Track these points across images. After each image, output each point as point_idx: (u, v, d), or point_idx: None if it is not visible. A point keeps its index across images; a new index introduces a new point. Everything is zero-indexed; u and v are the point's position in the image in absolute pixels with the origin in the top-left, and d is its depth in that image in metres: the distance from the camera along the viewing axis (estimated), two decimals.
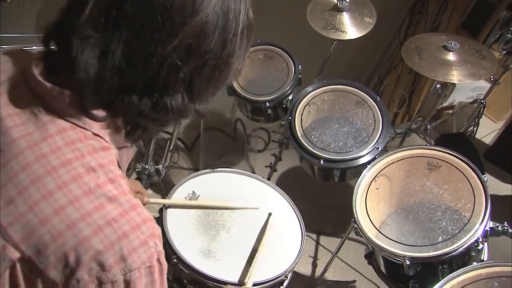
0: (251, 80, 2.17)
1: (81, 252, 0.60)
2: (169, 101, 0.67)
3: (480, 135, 3.11)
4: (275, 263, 1.33)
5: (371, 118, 1.85)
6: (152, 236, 0.66)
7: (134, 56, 0.63)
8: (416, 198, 1.57)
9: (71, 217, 0.61)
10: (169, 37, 0.62)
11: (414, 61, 1.95)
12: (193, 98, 0.70)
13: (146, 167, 2.16)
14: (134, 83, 0.64)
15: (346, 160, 1.77)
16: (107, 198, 0.64)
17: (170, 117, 0.70)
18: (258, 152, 2.88)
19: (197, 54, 0.66)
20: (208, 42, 0.66)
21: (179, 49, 0.64)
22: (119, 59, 0.62)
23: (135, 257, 0.63)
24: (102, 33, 0.62)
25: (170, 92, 0.67)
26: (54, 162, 0.63)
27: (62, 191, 0.62)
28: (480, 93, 3.04)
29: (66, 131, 0.65)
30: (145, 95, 0.66)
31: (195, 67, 0.67)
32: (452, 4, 2.78)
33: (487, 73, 1.86)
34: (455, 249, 1.31)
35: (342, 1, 2.06)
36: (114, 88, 0.64)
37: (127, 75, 0.63)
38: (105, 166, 0.66)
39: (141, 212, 0.66)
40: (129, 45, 0.62)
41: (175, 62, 0.64)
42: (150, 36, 0.62)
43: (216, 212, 1.45)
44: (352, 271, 2.24)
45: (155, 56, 0.63)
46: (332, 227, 2.43)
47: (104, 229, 0.62)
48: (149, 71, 0.64)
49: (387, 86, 3.23)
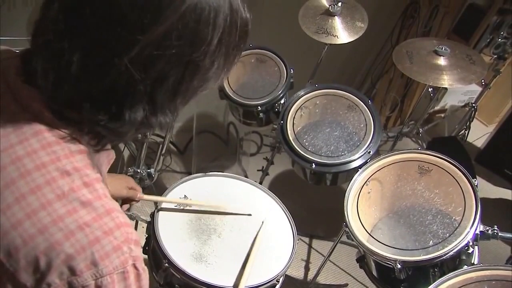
0: (243, 84, 2.17)
1: (52, 256, 0.60)
2: (128, 113, 0.64)
3: (472, 138, 3.13)
4: (267, 267, 1.33)
5: (362, 122, 1.85)
6: (127, 241, 0.65)
7: (90, 65, 0.61)
8: (407, 202, 1.58)
9: (43, 221, 0.60)
10: (127, 47, 0.59)
11: (405, 65, 1.96)
12: (155, 110, 0.67)
13: (138, 170, 2.15)
14: (91, 93, 0.63)
15: (338, 164, 1.77)
16: (80, 202, 0.63)
17: (129, 129, 0.67)
18: (251, 156, 2.88)
19: (157, 66, 0.62)
20: (170, 53, 0.62)
21: (138, 60, 0.60)
22: (75, 68, 0.60)
23: (107, 262, 0.62)
24: (60, 39, 0.60)
25: (129, 104, 0.64)
26: (29, 165, 0.62)
27: (35, 194, 0.61)
28: (472, 97, 3.07)
29: (42, 133, 0.64)
30: (101, 105, 0.64)
31: (155, 79, 0.63)
32: (443, 9, 2.80)
33: (477, 78, 1.88)
34: (446, 253, 1.32)
35: (334, 6, 2.07)
36: (73, 96, 0.63)
37: (83, 83, 0.62)
38: (81, 170, 0.65)
39: (116, 217, 0.65)
40: (86, 53, 0.60)
41: (133, 74, 0.61)
42: (107, 46, 0.60)
43: (208, 216, 1.45)
44: (344, 275, 2.24)
45: (112, 67, 0.60)
46: (325, 231, 2.43)
47: (76, 233, 0.61)
48: (106, 82, 0.61)
49: (379, 90, 3.25)
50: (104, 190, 0.67)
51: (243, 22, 0.69)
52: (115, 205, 0.67)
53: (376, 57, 3.16)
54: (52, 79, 0.62)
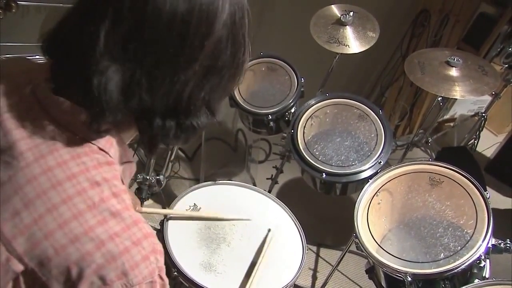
0: (253, 93, 2.17)
1: (83, 266, 0.60)
2: (195, 121, 0.69)
3: (481, 148, 3.11)
4: (276, 277, 1.33)
5: (373, 132, 1.85)
6: (154, 251, 0.66)
7: (156, 84, 0.63)
8: (418, 214, 1.57)
9: (75, 232, 0.61)
10: (190, 62, 0.64)
11: (417, 76, 1.95)
12: (213, 112, 0.72)
13: (147, 177, 2.15)
14: (156, 107, 0.66)
15: (348, 174, 1.77)
16: (110, 213, 0.64)
17: (196, 134, 0.72)
18: (259, 163, 2.87)
19: (215, 72, 0.68)
20: (224, 57, 0.67)
21: (200, 71, 0.65)
22: (143, 90, 0.63)
23: (136, 272, 0.63)
24: (121, 65, 0.62)
25: (193, 112, 0.69)
26: (60, 175, 0.63)
27: (67, 205, 0.62)
28: (481, 106, 3.05)
29: (72, 144, 0.65)
30: (168, 118, 0.67)
31: (213, 84, 0.69)
32: (454, 18, 2.80)
33: (489, 89, 1.87)
34: (457, 266, 1.31)
35: (346, 15, 2.07)
36: (132, 112, 0.66)
37: (148, 102, 0.64)
38: (109, 180, 0.66)
39: (143, 228, 0.66)
40: (151, 74, 0.63)
41: (197, 83, 0.66)
42: (171, 64, 0.63)
43: (217, 225, 1.45)
44: (353, 285, 2.22)
45: (177, 83, 0.64)
46: (333, 240, 2.42)
47: (107, 243, 0.62)
48: (172, 97, 0.65)
49: (389, 98, 3.24)
50: (130, 201, 0.68)
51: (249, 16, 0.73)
52: (140, 216, 0.68)
53: (386, 66, 3.16)
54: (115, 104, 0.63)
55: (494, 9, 2.73)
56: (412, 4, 2.98)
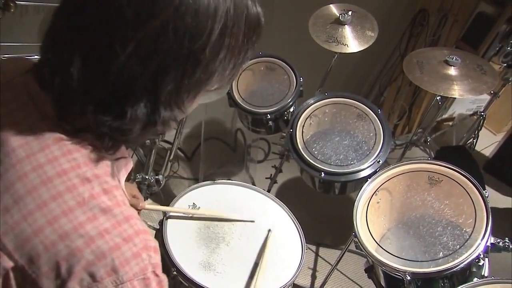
0: (252, 92, 2.17)
1: (73, 262, 0.60)
2: (130, 111, 0.64)
3: (480, 147, 3.11)
4: (275, 277, 1.33)
5: (372, 132, 1.85)
6: (146, 248, 0.65)
7: (91, 66, 0.62)
8: (417, 213, 1.57)
9: (64, 228, 0.61)
10: (124, 43, 0.60)
11: (416, 75, 1.95)
12: (158, 106, 0.65)
13: (146, 177, 2.15)
14: (94, 94, 0.63)
15: (347, 173, 1.77)
16: (100, 209, 0.63)
17: (132, 126, 0.66)
18: (258, 163, 2.88)
19: (155, 60, 0.62)
20: (167, 47, 0.61)
21: (136, 55, 0.61)
22: (76, 70, 0.61)
23: (127, 268, 0.62)
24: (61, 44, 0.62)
25: (131, 102, 0.64)
26: (50, 172, 0.63)
27: (57, 201, 0.62)
28: (480, 106, 3.06)
29: (63, 140, 0.65)
30: (105, 106, 0.64)
31: (155, 74, 0.63)
32: (452, 17, 2.80)
33: (488, 88, 1.87)
34: (456, 265, 1.31)
35: (344, 15, 2.07)
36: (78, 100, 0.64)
37: (86, 86, 0.62)
38: (100, 177, 0.66)
39: (134, 224, 0.65)
40: (85, 54, 0.61)
41: (132, 70, 0.61)
42: (105, 44, 0.60)
43: (216, 224, 1.45)
44: (352, 284, 2.23)
45: (111, 65, 0.61)
46: (332, 239, 2.42)
47: (96, 240, 0.61)
48: (107, 81, 0.62)
49: (387, 97, 3.24)
50: (123, 197, 0.68)
51: (251, 15, 0.67)
52: (133, 212, 0.67)
53: (385, 65, 3.16)
54: (57, 86, 0.63)
55: (492, 9, 2.73)
56: (411, 4, 2.98)
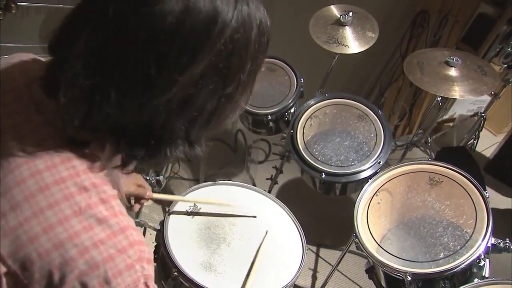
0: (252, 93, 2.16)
1: (66, 271, 0.60)
2: (168, 149, 0.65)
3: (481, 148, 3.11)
4: (276, 277, 1.33)
5: (372, 132, 1.85)
6: (139, 260, 0.65)
7: (127, 103, 0.59)
8: (417, 213, 1.57)
9: (59, 237, 0.61)
10: (166, 87, 0.58)
11: (416, 76, 1.95)
12: (192, 144, 0.68)
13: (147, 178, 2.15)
14: (125, 129, 0.62)
15: (347, 174, 1.77)
16: (96, 219, 0.63)
17: (167, 162, 0.68)
18: (259, 164, 2.87)
19: (195, 104, 0.62)
20: (207, 90, 0.61)
21: (176, 99, 0.60)
22: (109, 105, 0.59)
23: (119, 280, 0.62)
24: (92, 74, 0.58)
25: (167, 140, 0.65)
26: (48, 179, 0.62)
27: (53, 209, 0.61)
28: (481, 106, 3.05)
29: (63, 147, 0.65)
30: (138, 141, 0.64)
31: (192, 115, 0.63)
32: (453, 18, 2.80)
33: (488, 89, 1.87)
34: (457, 266, 1.31)
35: (345, 16, 2.07)
36: (100, 129, 0.63)
37: (117, 119, 0.61)
38: (98, 186, 0.65)
39: (130, 235, 0.65)
40: (120, 92, 0.58)
41: (172, 112, 0.61)
42: (145, 84, 0.58)
43: (217, 225, 1.45)
44: (352, 285, 2.22)
45: (149, 106, 0.59)
46: (333, 240, 2.42)
47: (91, 250, 0.61)
48: (142, 119, 0.61)
49: (388, 98, 3.24)
50: (120, 207, 0.67)
51: (267, 42, 0.67)
52: (129, 222, 0.67)
53: (385, 66, 3.16)
54: (83, 112, 0.60)
55: (493, 9, 2.73)
56: (411, 5, 2.98)
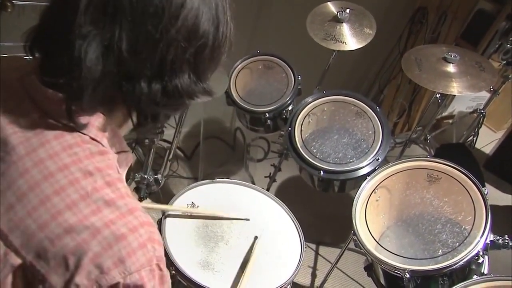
0: (250, 91, 2.17)
1: (80, 255, 0.60)
2: (179, 83, 0.68)
3: (480, 145, 3.11)
4: (275, 275, 1.33)
5: (371, 129, 1.84)
6: (150, 240, 0.65)
7: (139, 45, 0.62)
8: (416, 211, 1.56)
9: (69, 222, 0.61)
10: (171, 20, 0.62)
11: (414, 72, 1.95)
12: (199, 77, 0.71)
13: (145, 176, 2.15)
14: (140, 71, 0.64)
15: (346, 172, 1.76)
16: (104, 201, 0.63)
17: (181, 100, 0.70)
18: (258, 162, 2.88)
19: (198, 34, 0.66)
20: (205, 21, 0.66)
21: (182, 31, 0.64)
22: (124, 51, 0.61)
23: (133, 259, 0.62)
24: (102, 28, 0.60)
25: (178, 74, 0.67)
26: (52, 167, 0.63)
27: (60, 195, 0.62)
28: (480, 103, 3.05)
29: (63, 135, 0.65)
30: (153, 80, 0.66)
31: (197, 47, 0.67)
32: (451, 15, 2.80)
33: (487, 85, 1.86)
34: (456, 263, 1.31)
35: (342, 12, 2.07)
36: (115, 80, 0.64)
37: (132, 65, 0.63)
38: (103, 170, 0.66)
39: (139, 216, 0.66)
40: (132, 35, 0.61)
41: (180, 44, 0.65)
42: (153, 23, 0.62)
43: (215, 223, 1.44)
44: (352, 282, 2.22)
45: (161, 42, 0.63)
46: (332, 237, 2.42)
47: (102, 231, 0.62)
48: (156, 57, 0.64)
49: (387, 95, 3.24)
50: (126, 189, 0.68)
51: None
52: (137, 204, 0.67)
53: (384, 63, 3.16)
54: (100, 69, 0.62)
55: (492, 6, 2.73)
56: (410, 1, 2.97)
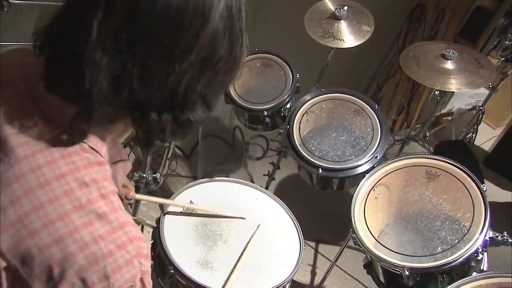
0: (248, 89, 2.16)
1: (66, 266, 0.60)
2: (191, 115, 0.67)
3: (479, 141, 3.11)
4: (274, 273, 1.33)
5: (369, 127, 1.84)
6: (138, 255, 0.65)
7: (150, 77, 0.61)
8: (415, 208, 1.56)
9: (60, 232, 0.61)
10: (185, 53, 0.61)
11: (413, 69, 1.95)
12: (209, 106, 0.70)
13: (143, 175, 2.14)
14: (151, 101, 0.64)
15: (344, 169, 1.76)
16: (96, 214, 0.63)
17: (192, 129, 0.70)
18: (257, 160, 2.87)
19: (212, 65, 0.66)
20: (220, 49, 0.65)
21: (196, 62, 0.63)
22: (135, 81, 0.61)
23: (118, 275, 0.63)
24: (113, 56, 0.59)
25: (190, 106, 0.67)
26: (48, 174, 0.63)
27: (53, 205, 0.62)
28: (479, 100, 3.05)
29: (63, 143, 0.65)
30: (164, 111, 0.65)
31: (210, 77, 0.67)
32: (450, 12, 2.79)
33: (485, 82, 1.86)
34: (455, 260, 1.31)
35: (340, 10, 2.06)
36: (126, 107, 0.64)
37: (143, 94, 0.62)
38: (99, 181, 0.66)
39: (129, 231, 0.66)
40: (144, 66, 0.60)
41: (193, 76, 0.64)
42: (166, 55, 0.61)
43: (214, 222, 1.44)
44: (351, 280, 2.22)
45: (172, 74, 0.62)
46: (331, 235, 2.42)
47: (90, 246, 0.62)
48: (167, 89, 0.63)
49: (386, 93, 3.24)
50: (119, 202, 0.68)
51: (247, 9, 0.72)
52: (128, 218, 0.67)
53: (383, 61, 3.15)
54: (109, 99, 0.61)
55: (490, 2, 2.73)
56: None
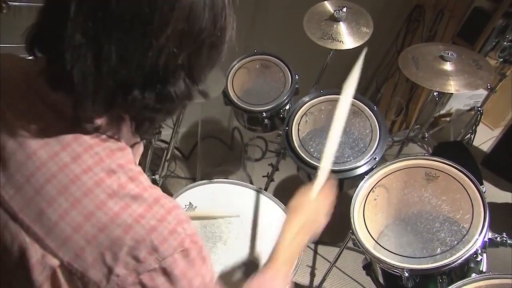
0: (247, 90, 2.17)
1: (116, 250, 0.63)
2: (172, 89, 0.67)
3: (478, 142, 3.11)
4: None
5: (368, 128, 1.84)
6: (180, 223, 0.67)
7: (128, 54, 0.61)
8: (414, 209, 1.56)
9: (102, 221, 0.63)
10: (161, 27, 0.61)
11: (411, 71, 1.95)
12: (194, 80, 0.70)
13: None
14: (133, 80, 0.64)
15: (343, 171, 1.76)
16: (131, 197, 0.65)
17: (176, 104, 0.70)
18: (256, 161, 2.87)
19: (191, 37, 0.65)
20: (200, 21, 0.64)
21: (173, 36, 0.62)
22: (114, 61, 0.60)
23: (166, 246, 0.65)
24: (92, 38, 0.59)
25: (172, 80, 0.66)
26: (76, 170, 0.65)
27: (89, 197, 0.64)
28: (477, 101, 3.05)
29: (82, 137, 0.67)
30: (146, 88, 0.65)
31: (191, 50, 0.66)
32: (448, 13, 2.80)
33: (484, 83, 1.86)
34: (454, 261, 1.31)
35: (339, 11, 2.06)
36: (112, 90, 0.64)
37: (124, 74, 0.62)
38: (124, 166, 0.68)
39: (165, 204, 0.68)
40: (122, 44, 0.60)
41: (171, 50, 0.63)
42: (142, 31, 0.60)
43: (213, 223, 1.44)
44: (350, 281, 2.23)
45: (150, 50, 0.61)
46: (330, 236, 2.42)
47: (134, 226, 0.64)
48: (147, 65, 0.63)
49: (385, 94, 3.24)
50: (147, 181, 0.70)
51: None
52: (159, 192, 0.69)
53: (381, 62, 3.15)
54: (91, 83, 0.62)
55: (488, 4, 2.72)
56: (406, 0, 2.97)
